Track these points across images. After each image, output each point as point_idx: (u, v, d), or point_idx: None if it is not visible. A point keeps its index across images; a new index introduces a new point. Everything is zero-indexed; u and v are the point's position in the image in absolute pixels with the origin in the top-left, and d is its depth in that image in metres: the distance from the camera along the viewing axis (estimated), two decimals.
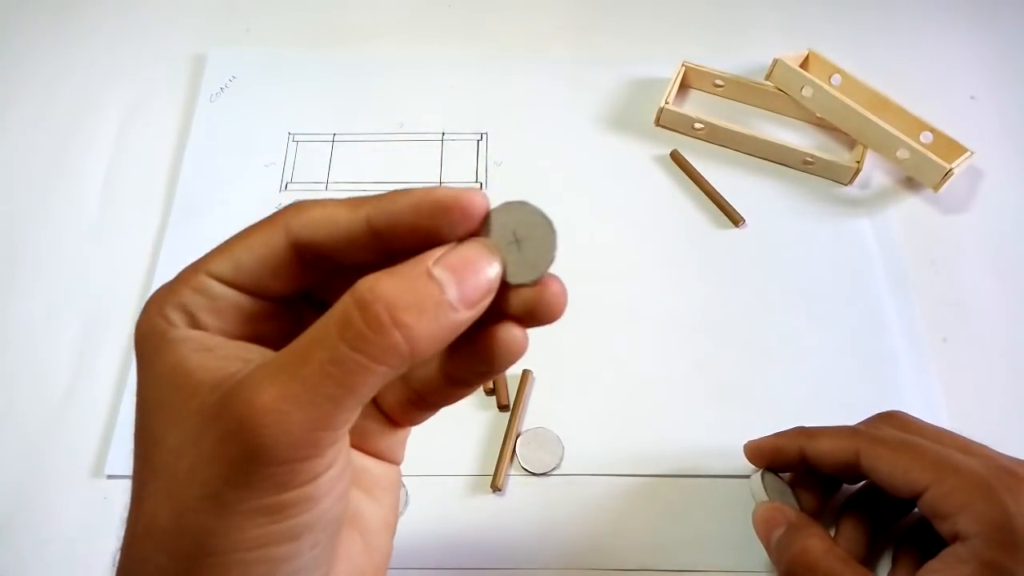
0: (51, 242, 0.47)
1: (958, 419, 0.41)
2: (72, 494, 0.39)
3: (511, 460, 0.39)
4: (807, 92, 0.50)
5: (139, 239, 0.47)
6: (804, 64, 0.53)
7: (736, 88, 0.53)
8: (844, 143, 0.52)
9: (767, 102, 0.53)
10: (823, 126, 0.52)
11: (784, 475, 0.38)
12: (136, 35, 0.56)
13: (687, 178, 0.50)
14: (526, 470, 0.39)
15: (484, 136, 0.51)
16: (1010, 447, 0.33)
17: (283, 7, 0.58)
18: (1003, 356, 0.44)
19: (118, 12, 0.58)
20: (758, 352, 0.43)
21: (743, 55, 0.55)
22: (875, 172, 0.50)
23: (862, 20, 0.58)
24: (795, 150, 0.49)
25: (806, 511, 0.36)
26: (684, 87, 0.54)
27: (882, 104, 0.51)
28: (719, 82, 0.53)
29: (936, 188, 0.48)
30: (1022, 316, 0.45)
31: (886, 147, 0.48)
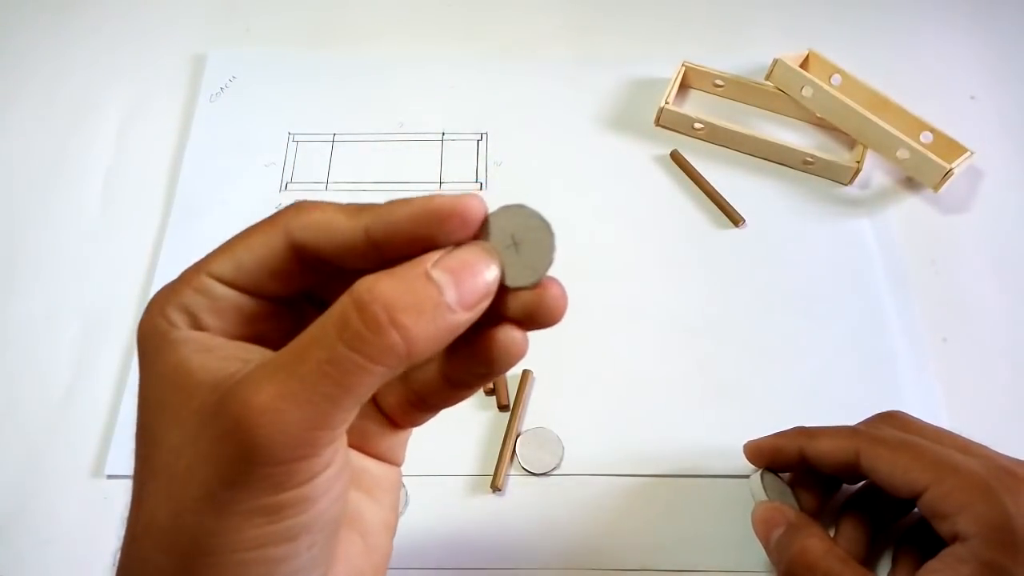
0: (51, 242, 0.47)
1: (958, 419, 0.41)
2: (72, 494, 0.39)
3: (511, 460, 0.39)
4: (807, 92, 0.50)
5: (139, 239, 0.47)
6: (804, 64, 0.53)
7: (736, 88, 0.53)
8: (844, 143, 0.52)
9: (767, 102, 0.53)
10: (823, 126, 0.52)
11: (784, 475, 0.38)
12: (136, 35, 0.56)
13: (687, 178, 0.50)
14: (526, 470, 0.39)
15: (484, 136, 0.51)
16: (1010, 447, 0.33)
17: (283, 7, 0.58)
18: (1003, 356, 0.44)
19: (118, 12, 0.58)
20: (758, 352, 0.43)
21: (743, 55, 0.55)
22: (875, 172, 0.50)
23: (862, 20, 0.58)
24: (795, 150, 0.49)
25: (806, 511, 0.36)
26: (684, 87, 0.54)
27: (882, 104, 0.51)
28: (719, 82, 0.53)
29: (936, 188, 0.48)
30: (1022, 316, 0.45)
31: (886, 147, 0.48)
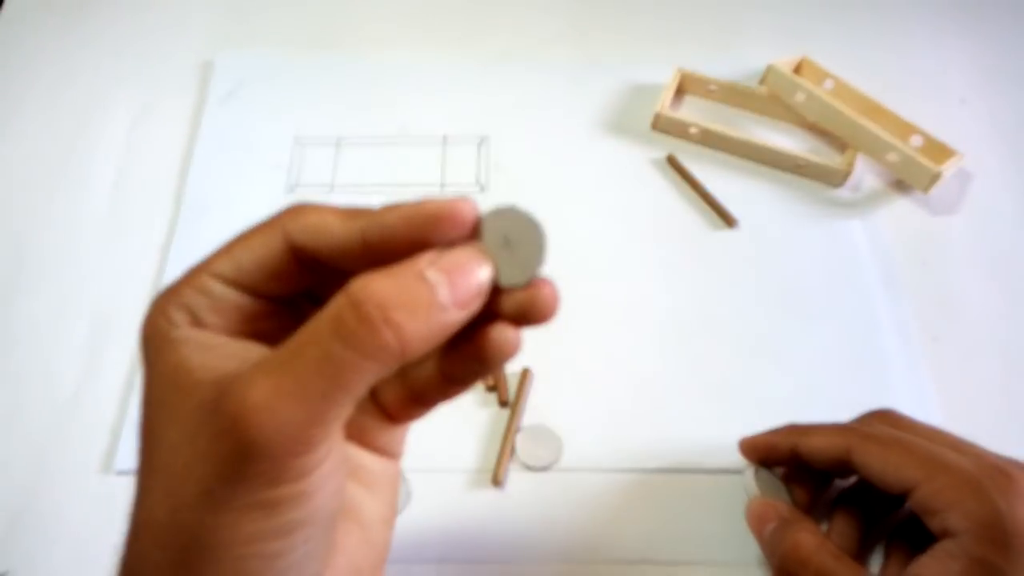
0: (61, 243, 0.47)
1: (949, 417, 0.41)
2: (81, 490, 0.39)
3: (511, 455, 0.40)
4: (800, 97, 0.50)
5: (148, 240, 0.47)
6: (797, 70, 0.54)
7: (730, 93, 0.54)
8: (836, 147, 0.52)
9: (760, 107, 0.53)
10: (815, 130, 0.53)
11: (777, 471, 0.38)
12: (145, 39, 0.57)
13: (682, 181, 0.50)
14: (526, 465, 0.39)
15: (485, 140, 0.52)
16: (1000, 445, 0.33)
17: (290, 12, 0.59)
18: (993, 355, 0.44)
19: (127, 16, 0.58)
20: (751, 350, 0.44)
21: (737, 61, 0.55)
22: (866, 175, 0.51)
23: (854, 26, 0.58)
24: (788, 154, 0.50)
25: (799, 506, 0.36)
26: (680, 92, 0.55)
27: (873, 109, 0.51)
28: (714, 87, 0.54)
29: (926, 190, 0.48)
30: (1011, 315, 0.45)
31: (876, 151, 0.48)
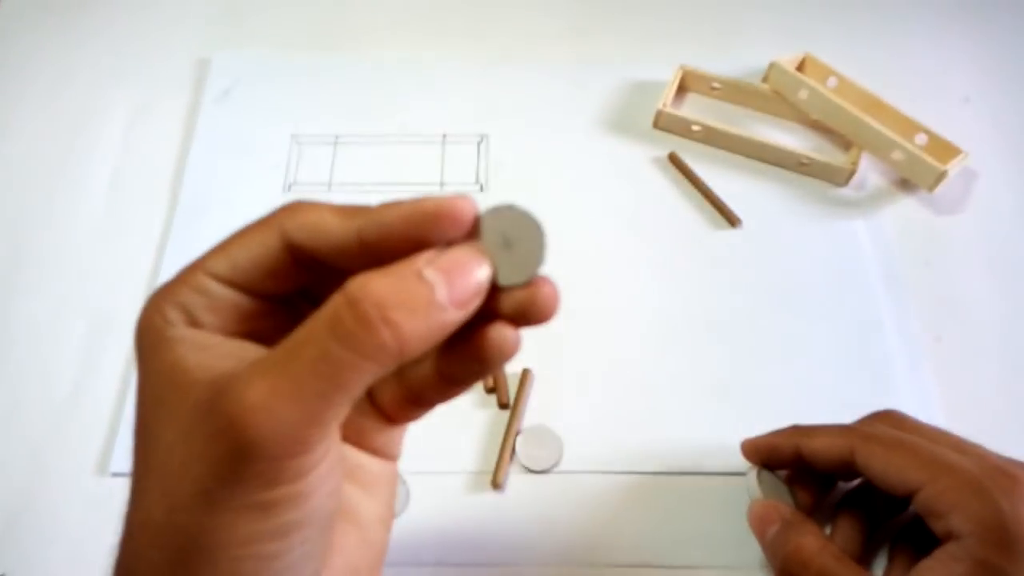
0: (57, 243, 0.47)
1: (952, 418, 0.41)
2: (77, 492, 0.39)
3: (511, 457, 0.39)
4: (803, 95, 0.50)
5: (144, 240, 0.47)
6: (800, 67, 0.53)
7: (733, 91, 0.53)
8: (839, 145, 0.52)
9: (763, 104, 0.53)
10: (819, 128, 0.52)
11: (780, 473, 0.38)
12: (141, 38, 0.56)
13: (684, 179, 0.50)
14: (526, 467, 0.39)
15: (485, 138, 0.51)
16: (1004, 446, 0.33)
17: (286, 10, 0.58)
18: (997, 355, 0.44)
19: (123, 15, 0.58)
20: (754, 351, 0.43)
21: (740, 58, 0.55)
22: (870, 173, 0.50)
23: (857, 23, 0.58)
24: (791, 152, 0.49)
25: (802, 508, 0.36)
26: (682, 90, 0.54)
27: (877, 106, 0.51)
28: (716, 85, 0.53)
29: (930, 189, 0.48)
30: (1015, 316, 0.45)
31: (881, 149, 0.48)
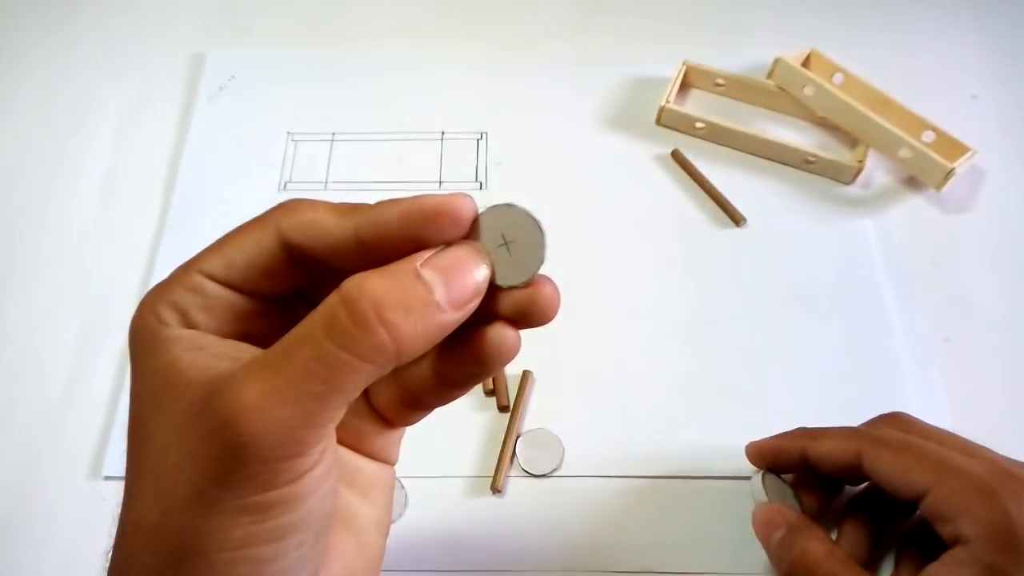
0: (49, 242, 0.47)
1: (960, 420, 0.41)
2: (69, 495, 0.39)
3: (511, 461, 0.39)
4: (809, 91, 0.50)
5: (137, 239, 0.47)
6: (806, 63, 0.53)
7: (737, 87, 0.53)
8: (846, 142, 0.51)
9: (768, 101, 0.53)
10: (825, 125, 0.52)
11: (785, 476, 0.37)
12: (135, 34, 0.56)
13: (688, 177, 0.49)
14: (526, 471, 0.39)
15: (484, 135, 0.51)
16: (1012, 449, 0.33)
17: (282, 6, 0.58)
18: (1005, 356, 0.43)
19: (117, 11, 0.57)
20: (759, 352, 0.43)
21: (744, 54, 0.54)
22: (877, 171, 0.50)
23: (864, 19, 0.58)
24: (796, 149, 0.49)
25: (808, 513, 0.36)
26: (685, 86, 0.54)
27: (884, 103, 0.50)
28: (720, 81, 0.53)
29: (938, 188, 0.47)
30: None
31: (888, 146, 0.48)
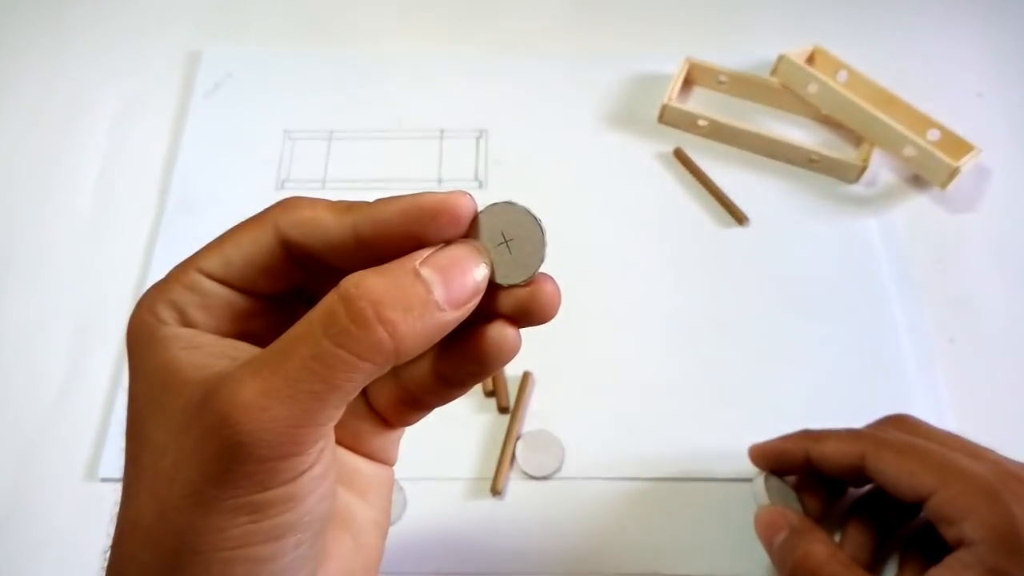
0: (44, 241, 0.47)
1: (965, 421, 0.40)
2: (66, 497, 0.38)
3: (511, 463, 0.39)
4: (812, 89, 0.50)
5: (133, 238, 0.46)
6: (809, 60, 0.53)
7: (740, 84, 0.53)
8: (850, 140, 0.51)
9: (772, 99, 0.53)
10: (829, 123, 0.52)
11: (788, 479, 0.37)
12: (131, 31, 0.56)
13: (690, 176, 0.49)
14: (526, 473, 0.39)
15: (484, 133, 0.51)
16: (1017, 451, 0.33)
17: (279, 4, 0.58)
18: (1011, 357, 0.43)
19: (113, 8, 0.57)
20: (762, 353, 0.43)
21: (747, 51, 0.54)
22: (881, 170, 0.50)
23: (868, 16, 0.57)
24: (800, 147, 0.49)
25: (810, 515, 0.36)
26: (688, 84, 0.54)
27: (888, 101, 0.50)
28: (723, 78, 0.53)
29: (943, 186, 0.47)
30: None
31: (893, 144, 0.48)
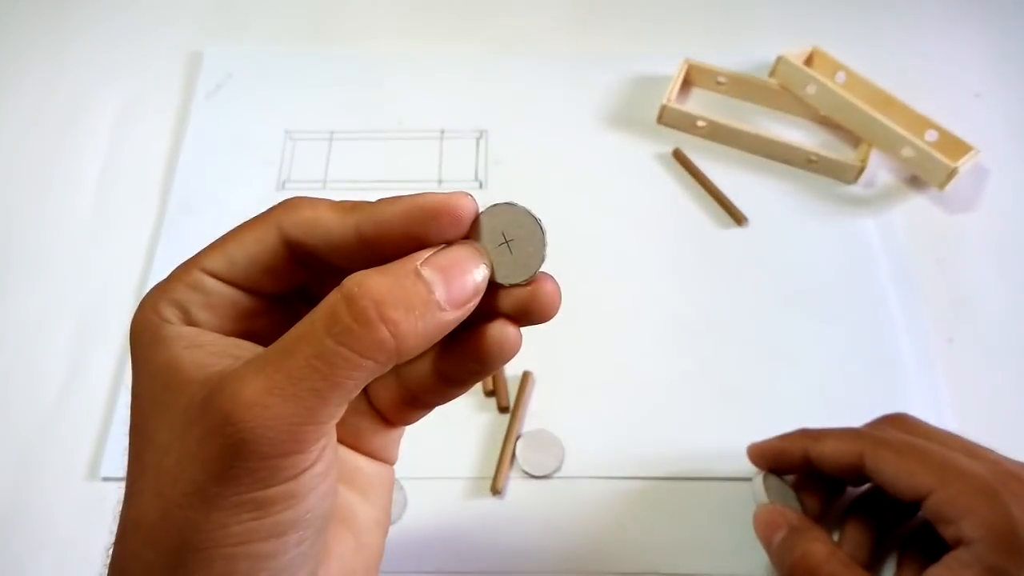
0: (45, 241, 0.47)
1: (964, 421, 0.40)
2: (67, 496, 0.38)
3: (511, 462, 0.39)
4: (811, 90, 0.50)
5: (134, 238, 0.46)
6: (808, 61, 0.53)
7: (739, 85, 0.53)
8: (848, 141, 0.51)
9: (770, 100, 0.53)
10: (827, 124, 0.52)
11: (787, 478, 0.37)
12: (132, 32, 0.56)
13: (689, 177, 0.49)
14: (526, 473, 0.39)
15: (484, 134, 0.51)
16: (1016, 450, 0.33)
17: (280, 4, 0.58)
18: (1010, 357, 0.43)
19: (114, 8, 0.57)
20: (761, 353, 0.43)
21: (746, 52, 0.54)
22: (880, 171, 0.50)
23: (866, 17, 0.58)
24: (799, 148, 0.49)
25: (809, 514, 0.36)
26: (686, 84, 0.54)
27: (887, 102, 0.50)
28: (722, 79, 0.53)
29: (941, 187, 0.47)
30: None
31: (891, 145, 0.48)
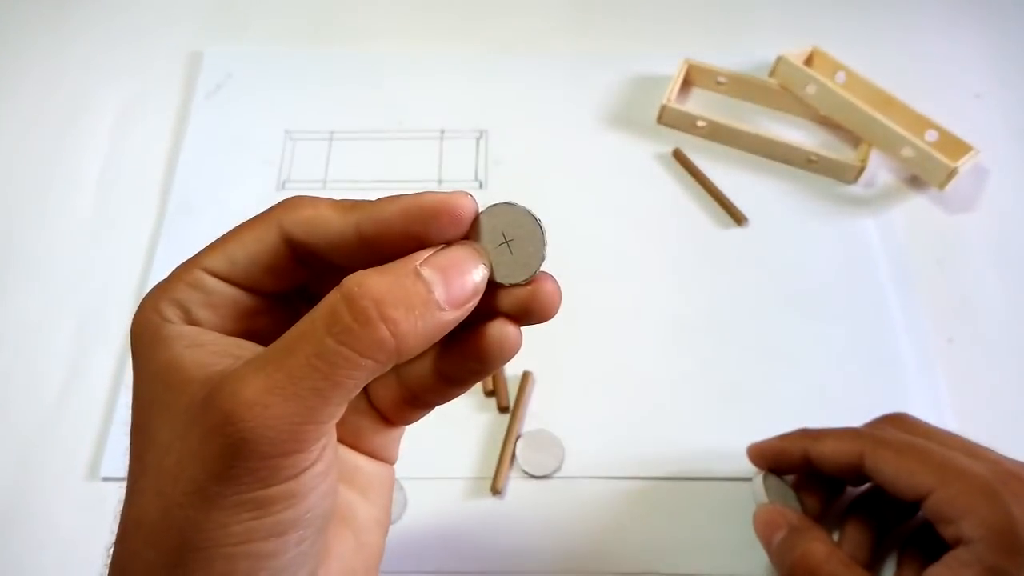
0: (45, 241, 0.47)
1: (964, 421, 0.40)
2: (67, 496, 0.38)
3: (511, 463, 0.39)
4: (811, 90, 0.50)
5: (134, 238, 0.46)
6: (808, 61, 0.53)
7: (739, 85, 0.53)
8: (848, 141, 0.51)
9: (770, 100, 0.53)
10: (827, 124, 0.52)
11: (787, 478, 0.37)
12: (132, 32, 0.56)
13: (689, 177, 0.49)
14: (526, 473, 0.39)
15: (484, 134, 0.51)
16: (1016, 450, 0.33)
17: (280, 4, 0.58)
18: (1010, 357, 0.43)
19: (114, 9, 0.57)
20: (761, 353, 0.43)
21: (746, 52, 0.54)
22: (880, 171, 0.50)
23: (866, 17, 0.58)
24: (799, 148, 0.49)
25: (809, 514, 0.36)
26: (687, 84, 0.54)
27: (887, 102, 0.50)
28: (722, 79, 0.53)
29: (941, 187, 0.47)
30: None
31: (891, 145, 0.48)
